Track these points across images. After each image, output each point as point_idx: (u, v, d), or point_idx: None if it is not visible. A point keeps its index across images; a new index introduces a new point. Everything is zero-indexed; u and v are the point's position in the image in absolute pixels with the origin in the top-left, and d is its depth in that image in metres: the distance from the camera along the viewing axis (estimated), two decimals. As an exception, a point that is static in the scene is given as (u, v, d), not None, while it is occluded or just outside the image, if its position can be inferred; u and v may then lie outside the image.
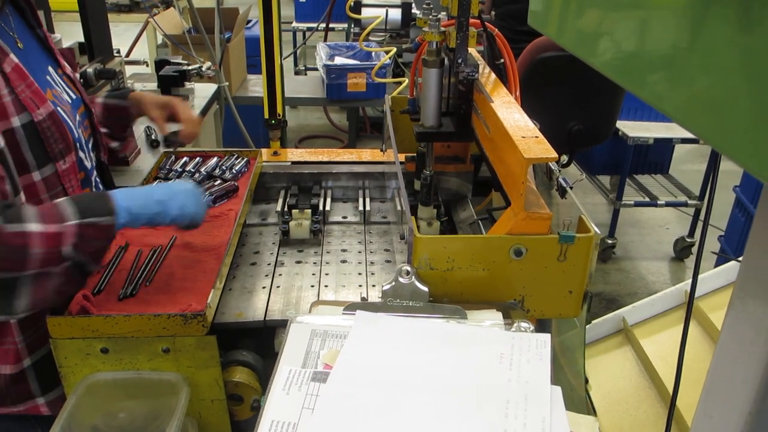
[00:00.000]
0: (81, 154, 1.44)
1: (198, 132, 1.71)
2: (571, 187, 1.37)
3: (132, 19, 6.18)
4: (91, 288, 1.35)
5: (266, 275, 1.61)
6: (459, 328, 1.15)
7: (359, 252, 1.73)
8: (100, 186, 1.56)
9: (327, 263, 1.67)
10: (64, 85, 1.47)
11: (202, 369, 1.30)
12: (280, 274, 1.61)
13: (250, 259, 1.69)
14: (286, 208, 1.84)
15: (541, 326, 1.42)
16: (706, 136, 0.56)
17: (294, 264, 1.66)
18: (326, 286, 1.56)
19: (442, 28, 1.52)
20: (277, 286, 1.56)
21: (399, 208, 1.71)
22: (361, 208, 1.91)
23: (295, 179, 1.99)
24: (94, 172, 1.53)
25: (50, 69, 1.45)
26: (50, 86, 1.40)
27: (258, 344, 1.43)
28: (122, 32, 5.63)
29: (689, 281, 2.49)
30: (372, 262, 1.68)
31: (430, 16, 1.53)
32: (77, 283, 1.27)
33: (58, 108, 1.36)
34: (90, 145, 1.53)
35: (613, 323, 2.32)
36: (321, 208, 1.87)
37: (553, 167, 1.46)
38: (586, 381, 1.51)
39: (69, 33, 2.59)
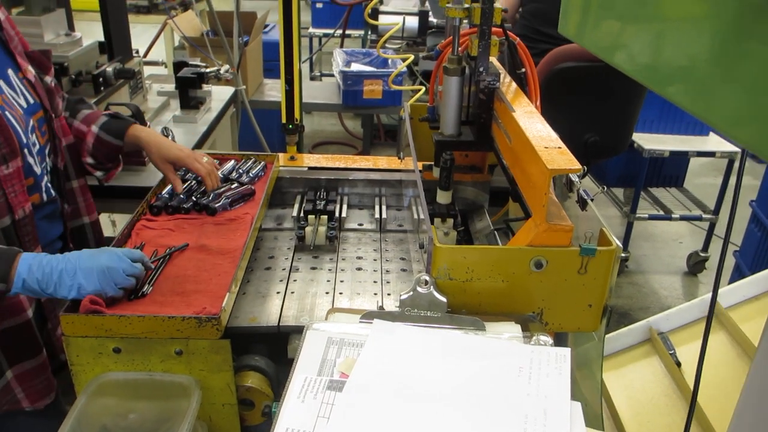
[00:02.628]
0: (30, 160, 1.41)
1: (218, 178, 1.71)
2: (591, 199, 1.35)
3: (150, 21, 6.22)
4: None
5: (281, 280, 1.59)
6: (477, 339, 1.14)
7: (375, 260, 1.71)
8: (52, 192, 1.52)
9: (342, 270, 1.66)
10: (22, 89, 1.45)
11: (215, 373, 1.29)
12: (294, 280, 1.60)
13: (265, 263, 1.68)
14: (302, 214, 1.83)
15: (558, 339, 1.40)
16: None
17: (309, 270, 1.65)
18: (341, 293, 1.55)
19: (466, 5, 1.49)
20: (292, 292, 1.55)
21: (416, 216, 1.69)
22: (377, 215, 1.89)
23: (312, 185, 1.99)
24: (45, 178, 1.50)
25: (9, 72, 1.43)
26: (1, 90, 1.38)
27: (271, 350, 1.42)
28: (140, 33, 5.66)
29: (720, 291, 2.45)
30: (387, 271, 1.66)
31: None
32: None
33: (6, 113, 1.35)
34: (47, 151, 1.51)
35: (641, 332, 2.27)
36: (337, 214, 1.86)
37: (573, 179, 1.45)
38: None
39: (89, 32, 2.60)
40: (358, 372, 1.05)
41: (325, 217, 1.79)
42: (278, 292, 1.54)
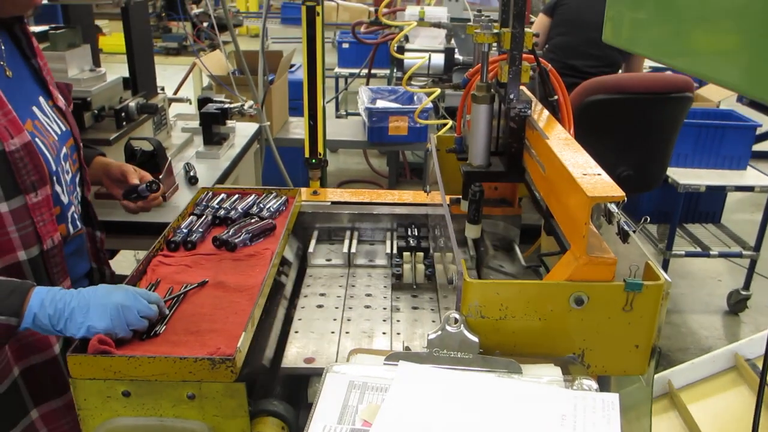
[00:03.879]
0: (57, 188, 1.39)
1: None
2: (634, 231, 1.25)
3: (180, 62, 6.33)
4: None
5: (300, 319, 1.51)
6: (513, 384, 1.04)
7: (398, 298, 1.63)
8: (78, 224, 1.50)
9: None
10: (54, 116, 1.44)
11: (229, 418, 1.20)
12: (316, 318, 1.52)
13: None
14: (311, 250, 1.77)
15: (599, 382, 1.29)
16: None
17: (332, 308, 1.57)
18: (363, 332, 1.46)
19: (495, 31, 1.43)
20: (312, 331, 1.46)
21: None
22: (387, 250, 1.81)
23: (335, 219, 1.92)
24: (72, 208, 1.47)
25: (41, 100, 1.42)
26: (34, 117, 1.36)
27: (290, 393, 1.33)
28: (171, 75, 5.76)
29: (741, 341, 2.30)
30: (415, 308, 1.57)
31: (482, 18, 1.45)
32: None
33: (37, 139, 1.32)
34: (77, 180, 1.49)
35: (657, 386, 2.15)
36: (354, 250, 1.78)
37: (612, 209, 1.35)
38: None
39: (120, 72, 2.61)
40: (382, 420, 0.95)
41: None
42: (297, 332, 1.46)
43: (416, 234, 1.84)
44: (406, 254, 1.73)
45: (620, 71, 4.01)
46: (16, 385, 1.36)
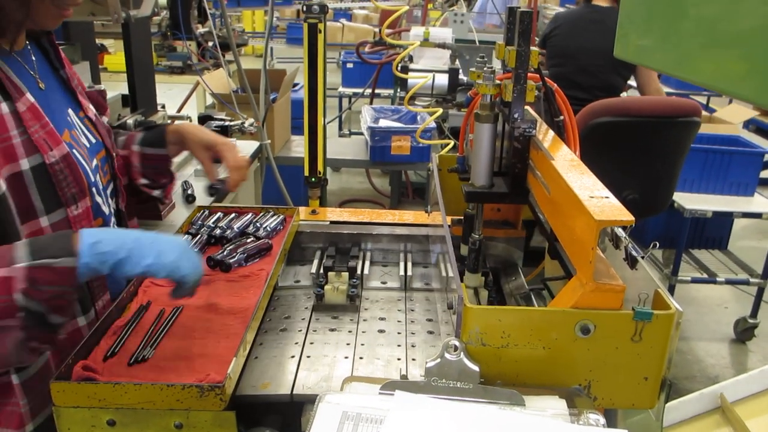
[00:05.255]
0: (98, 199, 1.35)
1: (246, 178, 1.60)
2: (642, 257, 1.20)
3: (185, 81, 6.30)
4: (103, 352, 1.22)
5: (296, 343, 1.46)
6: (515, 416, 0.98)
7: (399, 321, 1.57)
8: None
9: (363, 332, 1.52)
10: (84, 128, 1.40)
11: (218, 448, 1.14)
12: (311, 343, 1.46)
13: (280, 324, 1.55)
14: (321, 270, 1.71)
15: (606, 415, 1.23)
16: None
17: (327, 332, 1.52)
18: (361, 358, 1.41)
19: (497, 81, 1.41)
20: (308, 356, 1.41)
21: (444, 274, 1.56)
22: (402, 272, 1.76)
23: (333, 240, 1.87)
24: (113, 219, 1.44)
25: (70, 111, 1.39)
26: (70, 127, 1.33)
27: (284, 421, 1.27)
28: (176, 94, 5.75)
29: None
30: (413, 333, 1.52)
31: (485, 68, 1.42)
32: (47, 338, 1.11)
33: (74, 150, 1.29)
34: (109, 192, 1.45)
35: (708, 400, 2.04)
36: (359, 271, 1.73)
37: (619, 233, 1.30)
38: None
39: (121, 90, 2.59)
40: (377, 454, 0.90)
41: (346, 275, 1.66)
42: (293, 356, 1.41)
43: (346, 253, 1.79)
44: (331, 274, 1.67)
45: (625, 94, 3.99)
46: None
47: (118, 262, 1.11)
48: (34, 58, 1.34)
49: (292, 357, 1.40)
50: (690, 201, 3.77)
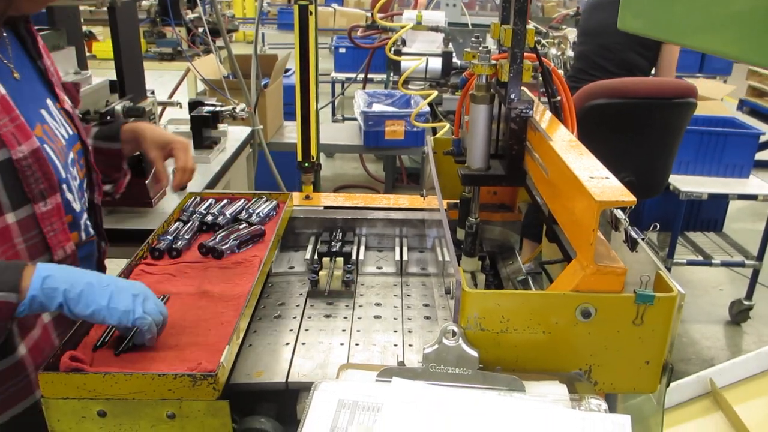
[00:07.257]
0: (69, 196, 1.31)
1: (191, 179, 1.56)
2: (642, 239, 1.18)
3: (175, 67, 6.24)
4: (92, 342, 1.19)
5: (291, 330, 1.44)
6: (516, 402, 0.96)
7: (395, 307, 1.55)
8: (90, 230, 1.42)
9: (359, 318, 1.49)
10: (61, 120, 1.36)
11: (212, 439, 1.12)
12: (306, 330, 1.44)
13: (274, 311, 1.52)
14: (315, 256, 1.68)
15: (606, 399, 1.21)
16: None
17: (322, 318, 1.49)
18: (357, 344, 1.39)
19: (493, 61, 1.38)
20: (303, 343, 1.39)
21: (441, 258, 1.53)
22: (398, 257, 1.74)
23: (327, 225, 1.84)
24: (84, 215, 1.40)
25: (48, 102, 1.35)
26: (42, 121, 1.29)
27: (279, 409, 1.25)
28: (167, 81, 5.69)
29: None
30: (410, 318, 1.50)
31: (480, 48, 1.39)
32: None
33: (45, 145, 1.25)
34: (84, 186, 1.41)
35: (698, 386, 2.03)
36: (354, 257, 1.71)
37: (619, 215, 1.28)
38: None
39: (110, 77, 2.54)
40: (374, 443, 0.88)
41: (341, 260, 1.64)
42: (288, 344, 1.38)
43: (340, 239, 1.77)
44: (325, 260, 1.65)
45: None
46: None
47: (67, 300, 1.09)
48: (10, 47, 1.29)
49: (287, 344, 1.38)
50: (685, 183, 3.76)
